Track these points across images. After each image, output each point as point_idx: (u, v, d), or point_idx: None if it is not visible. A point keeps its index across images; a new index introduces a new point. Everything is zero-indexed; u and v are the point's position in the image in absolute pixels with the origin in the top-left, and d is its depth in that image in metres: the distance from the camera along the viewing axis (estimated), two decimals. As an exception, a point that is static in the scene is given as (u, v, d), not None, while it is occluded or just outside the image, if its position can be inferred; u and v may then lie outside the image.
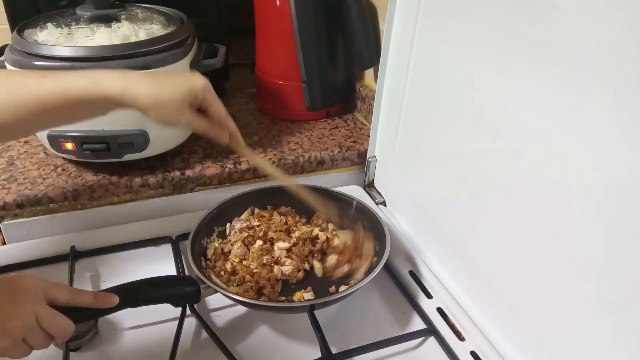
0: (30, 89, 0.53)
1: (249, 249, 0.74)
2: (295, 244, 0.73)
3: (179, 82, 0.57)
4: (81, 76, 0.55)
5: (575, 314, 0.53)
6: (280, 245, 0.73)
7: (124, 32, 0.79)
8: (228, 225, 0.79)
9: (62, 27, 0.80)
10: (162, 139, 0.84)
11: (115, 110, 0.58)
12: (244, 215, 0.80)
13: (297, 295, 0.68)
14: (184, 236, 0.78)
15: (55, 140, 0.80)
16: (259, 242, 0.74)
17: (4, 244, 0.81)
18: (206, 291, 0.64)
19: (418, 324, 0.67)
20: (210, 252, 0.74)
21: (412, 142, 0.81)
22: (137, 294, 0.60)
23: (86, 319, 0.61)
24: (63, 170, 0.85)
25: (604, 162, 0.47)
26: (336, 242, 0.74)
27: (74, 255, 0.75)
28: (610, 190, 0.47)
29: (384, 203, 0.91)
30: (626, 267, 0.46)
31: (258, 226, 0.77)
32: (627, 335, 0.47)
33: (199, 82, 0.58)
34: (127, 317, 0.66)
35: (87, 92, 0.54)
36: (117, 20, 0.81)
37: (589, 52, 0.47)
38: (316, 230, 0.76)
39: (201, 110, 0.60)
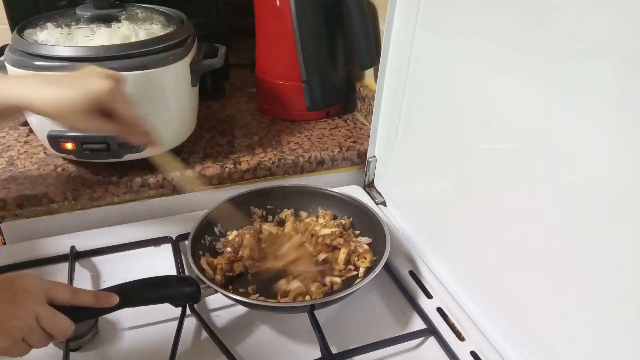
0: None
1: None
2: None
3: (80, 87, 0.54)
4: None
5: (575, 314, 0.53)
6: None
7: (124, 32, 0.79)
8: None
9: (62, 27, 0.80)
10: (162, 139, 0.84)
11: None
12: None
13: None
14: (184, 236, 0.78)
15: (55, 140, 0.80)
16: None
17: (4, 244, 0.81)
18: (206, 291, 0.64)
19: (418, 324, 0.67)
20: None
21: (412, 142, 0.81)
22: (136, 294, 0.60)
23: (85, 318, 0.61)
24: (63, 170, 0.85)
25: (605, 162, 0.47)
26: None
27: (74, 256, 0.75)
28: (611, 190, 0.47)
29: (384, 203, 0.91)
30: (627, 268, 0.46)
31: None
32: (627, 336, 0.47)
33: (102, 87, 0.55)
34: (127, 317, 0.66)
35: None
36: (117, 20, 0.81)
37: (589, 52, 0.47)
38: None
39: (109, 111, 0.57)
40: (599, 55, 0.46)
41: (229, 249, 0.73)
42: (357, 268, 0.71)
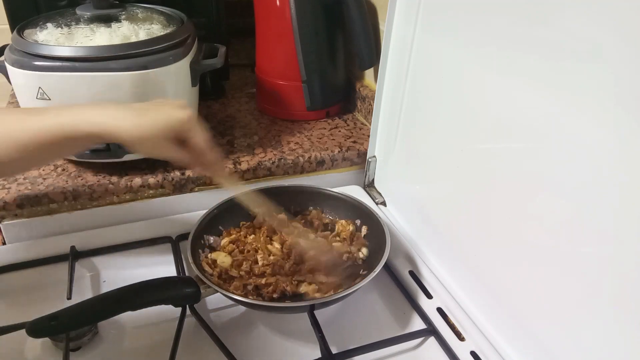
0: (11, 134, 0.52)
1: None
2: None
3: (161, 115, 0.55)
4: (60, 114, 0.53)
5: (575, 314, 0.53)
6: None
7: (124, 32, 0.79)
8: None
9: (62, 27, 0.80)
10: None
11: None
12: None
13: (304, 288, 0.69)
14: (184, 236, 0.78)
15: (55, 140, 0.80)
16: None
17: (4, 244, 0.81)
18: (206, 291, 0.64)
19: (418, 324, 0.67)
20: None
21: (412, 142, 0.81)
22: (137, 297, 0.60)
23: (87, 324, 0.61)
24: (63, 170, 0.85)
25: (605, 162, 0.47)
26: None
27: (74, 255, 0.75)
28: (612, 190, 0.47)
29: (384, 203, 0.91)
30: (626, 267, 0.46)
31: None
32: (628, 336, 0.47)
33: (181, 115, 0.56)
34: (127, 317, 0.65)
35: (64, 131, 0.52)
36: (117, 20, 0.81)
37: (589, 52, 0.47)
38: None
39: (182, 140, 0.58)
40: (599, 55, 0.46)
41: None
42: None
